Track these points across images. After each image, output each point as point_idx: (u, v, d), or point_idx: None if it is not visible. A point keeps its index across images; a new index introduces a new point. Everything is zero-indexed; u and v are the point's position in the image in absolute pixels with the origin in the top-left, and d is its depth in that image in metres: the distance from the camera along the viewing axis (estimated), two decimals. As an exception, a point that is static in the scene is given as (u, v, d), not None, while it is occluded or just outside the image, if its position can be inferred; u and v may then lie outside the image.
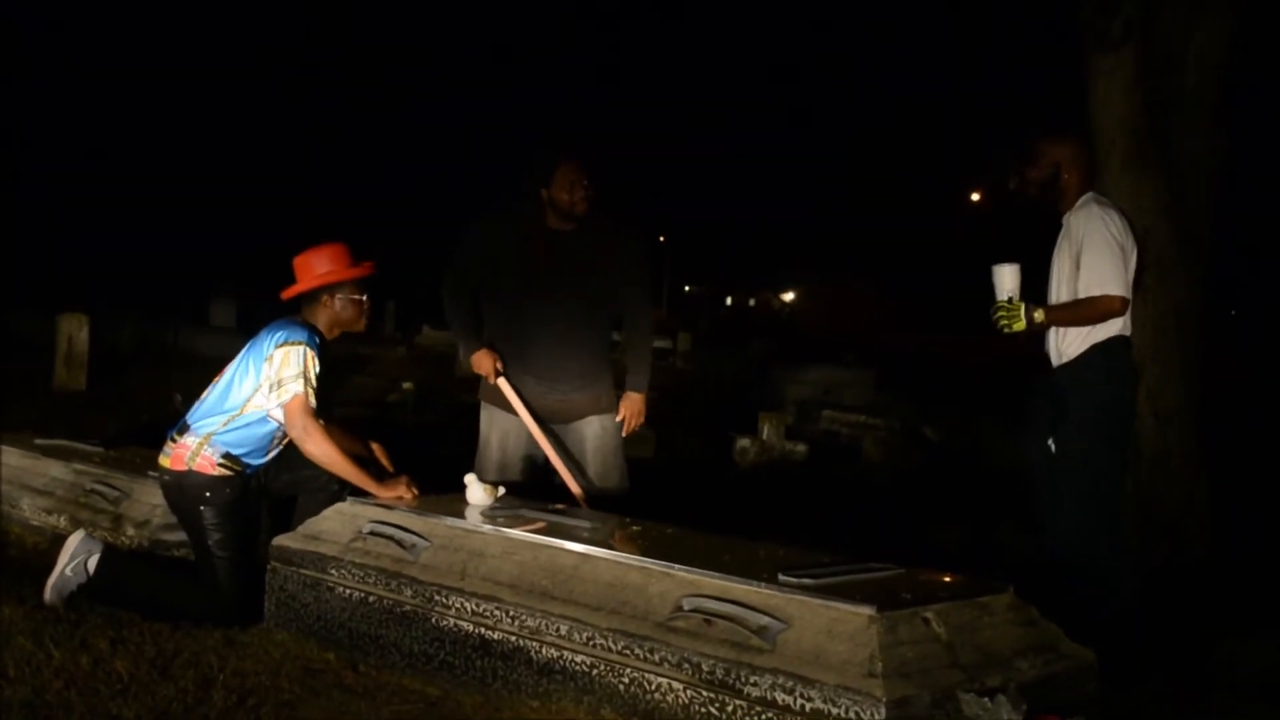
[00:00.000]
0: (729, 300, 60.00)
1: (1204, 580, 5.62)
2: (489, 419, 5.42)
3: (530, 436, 5.32)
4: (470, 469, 5.40)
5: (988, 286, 4.55)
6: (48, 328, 13.39)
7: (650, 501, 6.34)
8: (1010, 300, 4.50)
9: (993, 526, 7.05)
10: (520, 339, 5.29)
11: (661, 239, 56.20)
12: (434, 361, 18.77)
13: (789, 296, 60.17)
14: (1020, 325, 4.49)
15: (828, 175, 56.39)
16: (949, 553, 6.56)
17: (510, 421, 5.34)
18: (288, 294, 4.64)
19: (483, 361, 5.29)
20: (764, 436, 10.15)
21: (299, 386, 4.40)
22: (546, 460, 5.39)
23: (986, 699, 3.01)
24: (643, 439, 9.91)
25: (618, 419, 5.38)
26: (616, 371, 5.48)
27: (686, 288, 58.08)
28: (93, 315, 13.19)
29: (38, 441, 6.10)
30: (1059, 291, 4.59)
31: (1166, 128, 6.30)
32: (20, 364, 13.24)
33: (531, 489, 5.16)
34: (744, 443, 10.14)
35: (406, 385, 12.31)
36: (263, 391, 4.44)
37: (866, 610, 3.11)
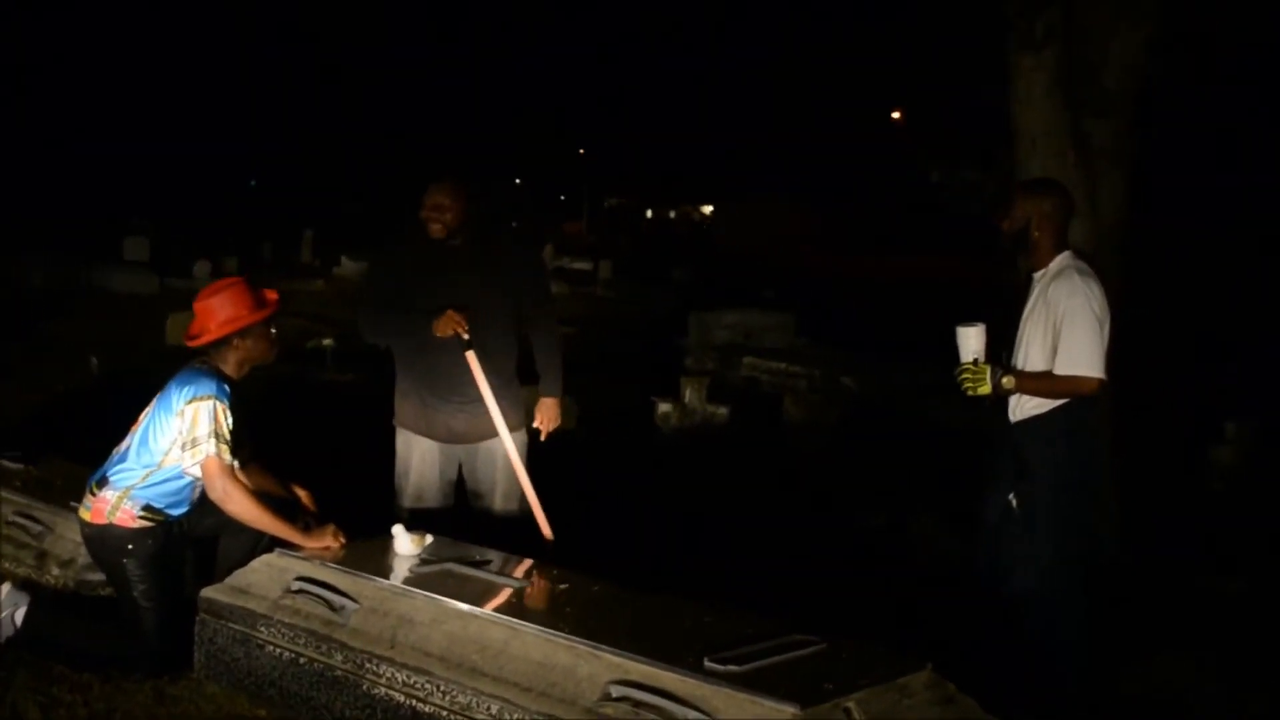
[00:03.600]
0: (649, 213, 59.85)
1: (1117, 595, 5.69)
2: (405, 443, 5.41)
3: (443, 461, 5.35)
4: (386, 468, 5.44)
5: (902, 205, 4.45)
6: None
7: (575, 483, 6.45)
8: (976, 362, 4.42)
9: (909, 512, 7.21)
10: (425, 361, 5.25)
11: (581, 151, 55.87)
12: (353, 296, 18.55)
13: (708, 209, 60.12)
14: (985, 389, 4.41)
15: (749, 89, 56.05)
16: (868, 548, 6.73)
17: (426, 445, 5.36)
18: (195, 343, 4.52)
19: (444, 324, 5.06)
20: (685, 400, 10.20)
21: (212, 446, 4.35)
22: (461, 484, 5.44)
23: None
24: (565, 410, 9.93)
25: (535, 424, 5.41)
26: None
27: (607, 202, 57.82)
28: (-1, 254, 12.94)
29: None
30: (1028, 356, 4.48)
31: (1086, 128, 6.37)
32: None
33: (446, 515, 5.25)
34: (665, 407, 10.18)
35: (326, 341, 12.13)
36: (177, 447, 4.40)
37: (790, 709, 3.18)
